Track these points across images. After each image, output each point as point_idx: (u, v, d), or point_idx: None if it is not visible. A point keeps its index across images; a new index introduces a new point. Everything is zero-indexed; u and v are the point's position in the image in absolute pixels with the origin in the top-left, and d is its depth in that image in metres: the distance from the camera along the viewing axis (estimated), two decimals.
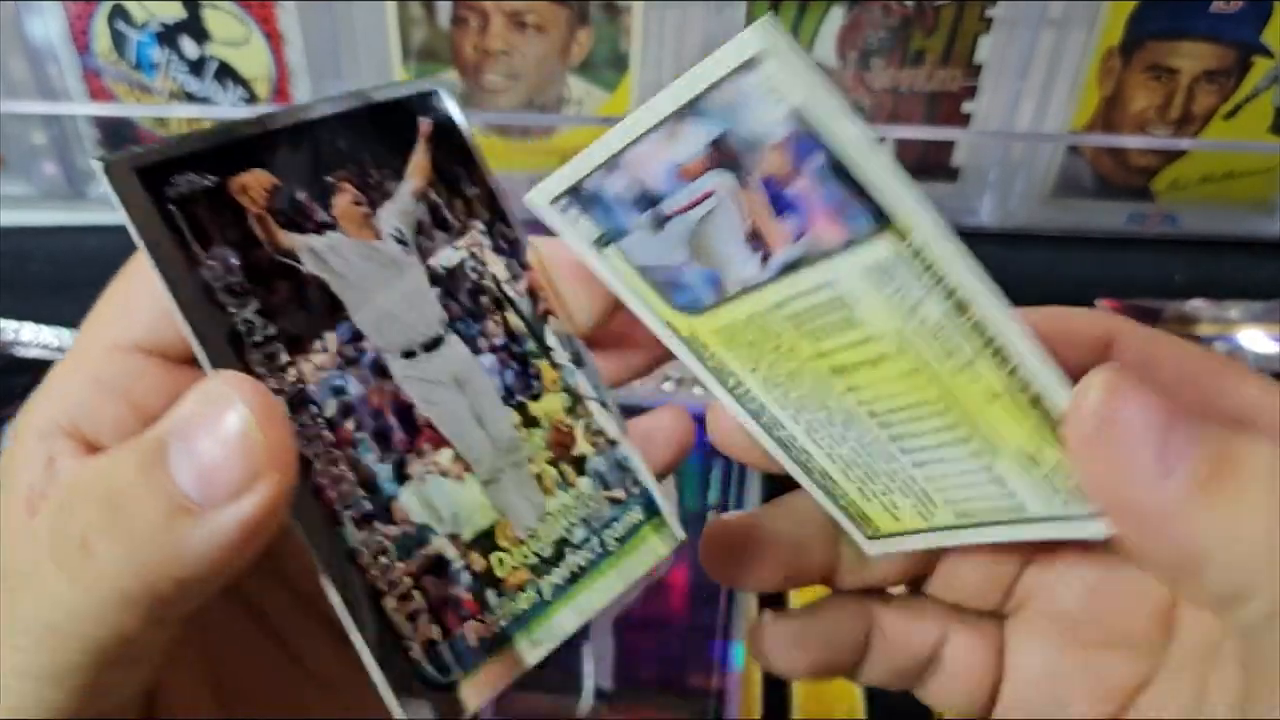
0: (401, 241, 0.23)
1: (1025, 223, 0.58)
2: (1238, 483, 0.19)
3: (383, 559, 0.21)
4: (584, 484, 0.24)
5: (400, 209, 0.24)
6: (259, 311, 0.21)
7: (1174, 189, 0.58)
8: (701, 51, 0.52)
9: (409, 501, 0.22)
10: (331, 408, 0.22)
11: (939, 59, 0.53)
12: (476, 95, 0.54)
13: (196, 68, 0.53)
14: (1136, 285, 0.56)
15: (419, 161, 0.24)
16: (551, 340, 0.25)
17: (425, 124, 0.25)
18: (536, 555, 0.23)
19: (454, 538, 0.22)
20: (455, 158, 0.25)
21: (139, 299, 0.22)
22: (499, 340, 0.24)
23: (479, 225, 0.25)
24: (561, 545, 0.24)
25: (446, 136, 0.25)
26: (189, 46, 0.52)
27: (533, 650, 0.23)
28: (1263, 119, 0.55)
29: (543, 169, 0.61)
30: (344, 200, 0.23)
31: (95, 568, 0.18)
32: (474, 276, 0.24)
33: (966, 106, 0.55)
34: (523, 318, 0.25)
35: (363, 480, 0.22)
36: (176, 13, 0.51)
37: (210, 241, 0.21)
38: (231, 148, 0.21)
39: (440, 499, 0.22)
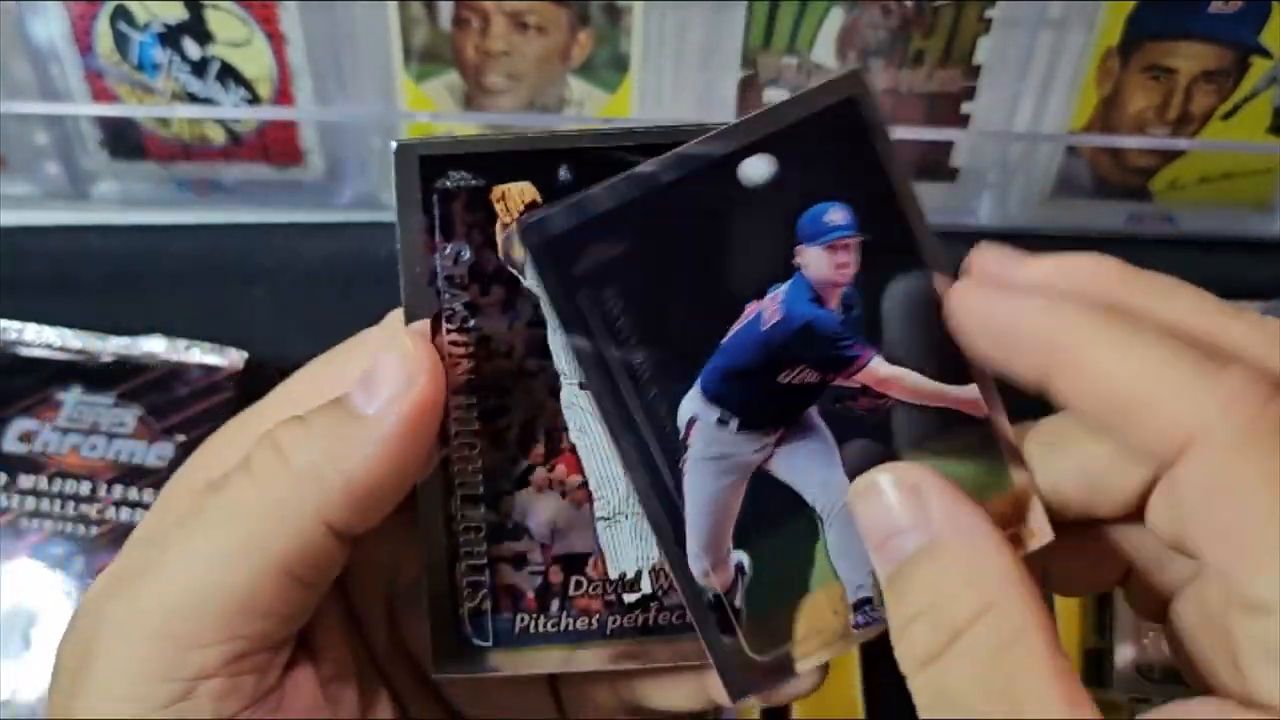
0: None
1: (1024, 223, 0.58)
2: None
3: (472, 534, 0.23)
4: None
5: None
6: (467, 304, 0.23)
7: (1172, 189, 0.58)
8: (702, 52, 0.52)
9: (519, 502, 0.24)
10: (489, 403, 0.23)
11: (938, 60, 0.54)
12: (477, 96, 0.54)
13: (199, 68, 0.53)
14: None
15: None
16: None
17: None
18: (617, 597, 0.24)
19: (544, 547, 0.24)
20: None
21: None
22: None
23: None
24: (647, 601, 0.24)
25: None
26: (191, 47, 0.52)
27: (560, 663, 0.24)
28: (1261, 119, 0.55)
29: None
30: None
31: (278, 460, 0.22)
32: None
33: (965, 107, 0.55)
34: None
35: (487, 470, 0.24)
36: (179, 14, 0.51)
37: (453, 234, 0.23)
38: (514, 156, 0.23)
39: (548, 513, 0.24)
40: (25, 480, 0.47)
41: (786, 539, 0.23)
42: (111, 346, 0.51)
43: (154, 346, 0.51)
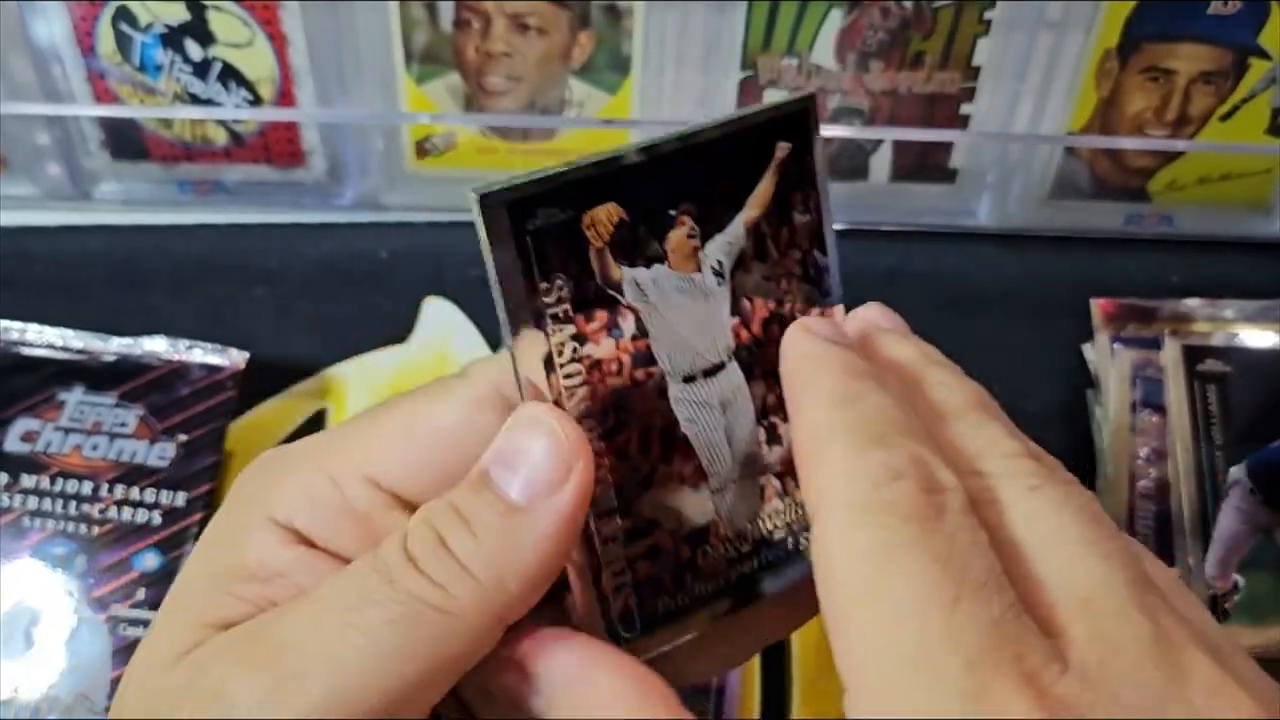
0: (719, 274, 0.24)
1: (1023, 224, 0.59)
2: None
3: (612, 545, 0.24)
4: (800, 495, 0.26)
5: (728, 240, 0.24)
6: (574, 336, 0.23)
7: (1171, 190, 0.58)
8: (702, 53, 0.53)
9: (647, 502, 0.25)
10: (607, 422, 0.24)
11: (937, 61, 0.54)
12: (478, 97, 0.54)
13: (201, 69, 0.53)
14: (1133, 285, 0.57)
15: (761, 191, 0.25)
16: None
17: (781, 149, 0.25)
18: (736, 550, 0.26)
19: (673, 533, 0.25)
20: (798, 181, 0.25)
21: (415, 452, 0.25)
22: (773, 366, 0.25)
23: (796, 254, 0.25)
24: (760, 544, 0.26)
25: (798, 159, 0.25)
26: (193, 48, 0.52)
27: (700, 626, 0.26)
28: (1259, 120, 0.56)
29: None
30: (679, 233, 0.24)
31: (453, 561, 0.22)
32: (771, 307, 0.25)
33: (964, 108, 0.55)
34: None
35: (617, 484, 0.24)
36: (181, 15, 0.51)
37: (552, 271, 0.23)
38: (595, 181, 0.23)
39: (673, 502, 0.25)
40: (27, 480, 0.47)
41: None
42: (113, 346, 0.51)
43: (156, 346, 0.51)
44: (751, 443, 0.25)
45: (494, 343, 0.54)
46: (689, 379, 0.24)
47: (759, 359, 0.25)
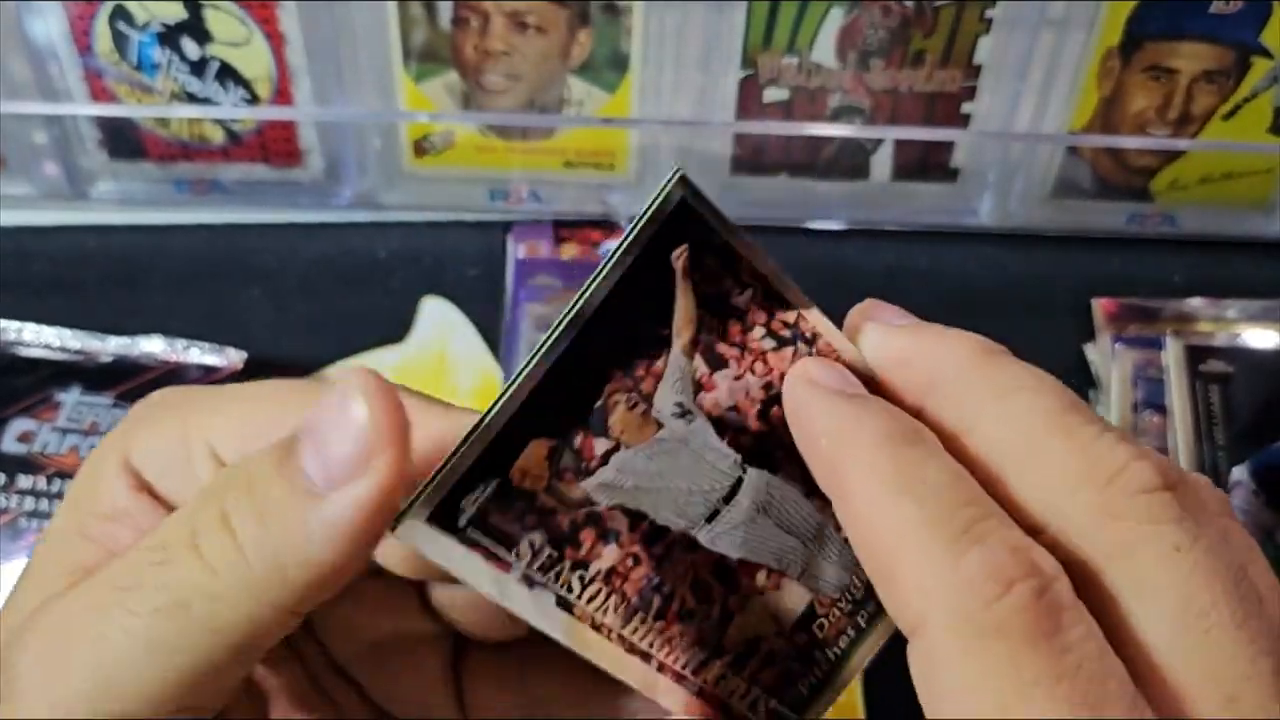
0: (685, 413, 0.23)
1: (1024, 223, 0.58)
2: None
3: (725, 681, 0.23)
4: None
5: (675, 380, 0.22)
6: (574, 568, 0.22)
7: (1173, 189, 0.58)
8: (702, 52, 0.52)
9: (736, 632, 0.23)
10: (655, 604, 0.22)
11: (938, 60, 0.53)
12: (477, 96, 0.54)
13: (198, 68, 0.53)
14: (1135, 285, 0.56)
15: (682, 312, 0.23)
16: None
17: (679, 258, 0.22)
18: (851, 599, 0.24)
19: (779, 634, 0.24)
20: (717, 265, 0.23)
21: (244, 426, 0.23)
22: (791, 443, 0.23)
23: (756, 333, 0.23)
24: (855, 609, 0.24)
25: (703, 247, 0.22)
26: (190, 47, 0.52)
27: (860, 665, 0.24)
28: (1262, 119, 0.55)
29: (543, 169, 0.62)
30: (619, 414, 0.22)
31: (231, 545, 0.20)
32: (761, 394, 0.23)
33: (966, 107, 0.55)
34: None
35: (697, 640, 0.23)
36: (178, 13, 0.51)
37: (513, 540, 0.21)
38: (501, 437, 0.21)
39: (763, 613, 0.23)
40: (24, 480, 0.47)
41: None
42: (111, 347, 0.51)
43: (153, 347, 0.51)
44: (812, 515, 0.24)
45: (492, 342, 0.54)
46: (711, 517, 0.23)
47: (773, 445, 0.23)
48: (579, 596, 0.22)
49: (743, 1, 0.50)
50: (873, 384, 0.23)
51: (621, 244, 0.22)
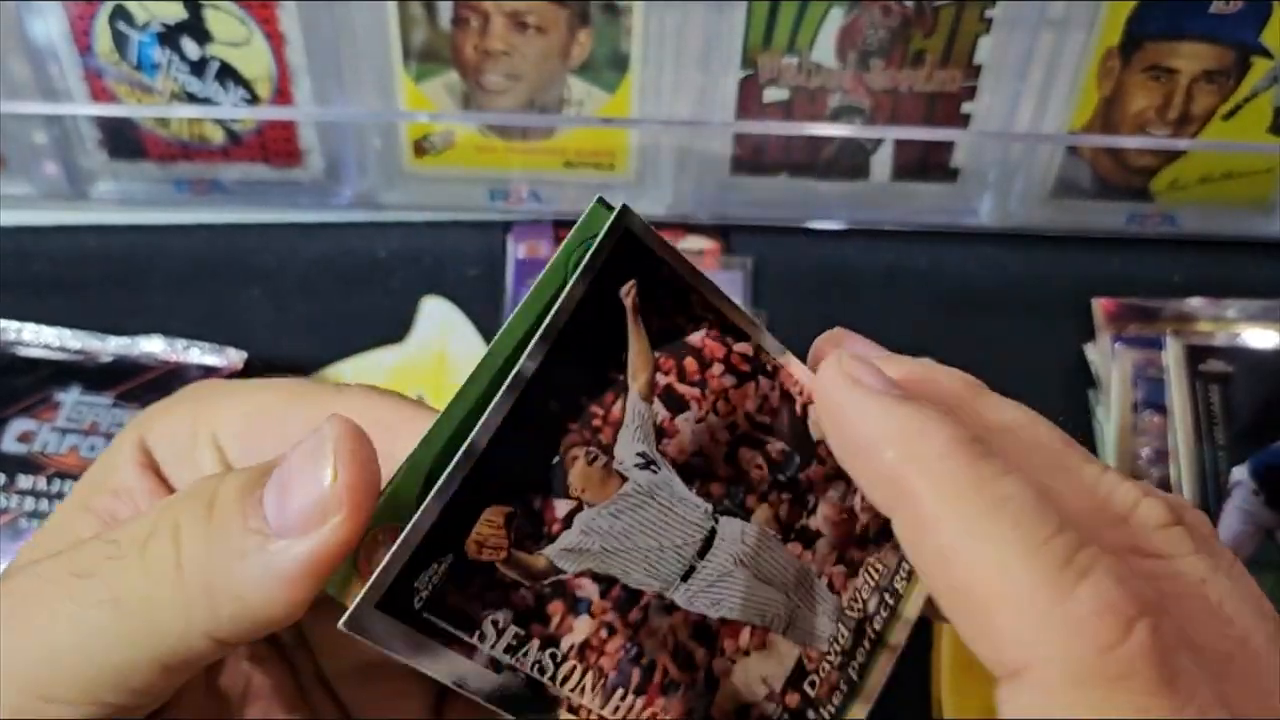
0: (648, 463, 0.21)
1: (1024, 223, 0.58)
2: None
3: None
4: (874, 553, 0.23)
5: (635, 427, 0.21)
6: (543, 646, 0.20)
7: (1173, 189, 0.58)
8: (702, 52, 0.52)
9: (723, 699, 0.22)
10: (634, 678, 0.21)
11: (938, 60, 0.53)
12: (477, 96, 0.54)
13: (198, 68, 0.53)
14: (1135, 285, 0.56)
15: (635, 351, 0.21)
16: (815, 429, 0.23)
17: (628, 294, 0.21)
18: (840, 651, 0.23)
19: (770, 695, 0.22)
20: (669, 300, 0.22)
21: (248, 422, 0.23)
22: (765, 483, 0.22)
23: (715, 369, 0.22)
24: (862, 624, 0.23)
25: (652, 281, 0.21)
26: (190, 47, 0.52)
27: (861, 711, 0.23)
28: (1262, 119, 0.55)
29: (543, 169, 0.62)
30: (578, 469, 0.21)
31: (172, 557, 0.20)
32: (726, 436, 0.22)
33: (966, 107, 0.55)
34: (783, 437, 0.23)
35: (683, 714, 0.21)
36: (178, 13, 0.51)
37: (475, 622, 0.19)
38: (451, 508, 0.19)
39: (753, 674, 0.22)
40: (24, 480, 0.47)
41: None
42: (110, 347, 0.51)
43: (153, 347, 0.51)
44: (791, 563, 0.22)
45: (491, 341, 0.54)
46: (687, 575, 0.21)
47: (743, 491, 0.22)
48: (552, 678, 0.20)
49: (743, 1, 0.50)
50: None
51: (565, 285, 0.20)
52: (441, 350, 0.55)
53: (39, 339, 0.51)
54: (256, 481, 0.20)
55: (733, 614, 0.22)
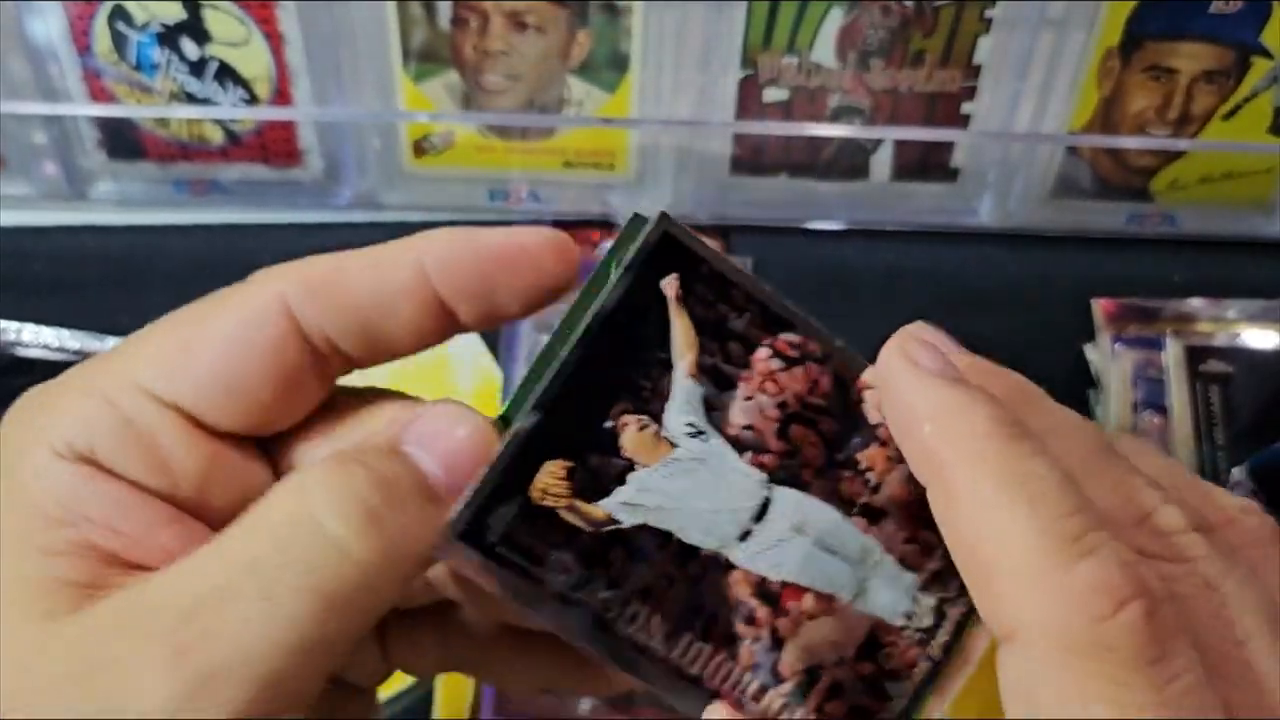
0: (698, 433, 0.23)
1: (1024, 223, 0.58)
2: None
3: (786, 713, 0.23)
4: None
5: (683, 401, 0.22)
6: (609, 586, 0.22)
7: (1173, 189, 0.58)
8: (702, 52, 0.52)
9: (790, 657, 0.23)
10: (697, 626, 0.22)
11: (938, 60, 0.53)
12: (476, 96, 0.54)
13: (197, 68, 0.53)
14: (1135, 285, 0.56)
15: (680, 334, 0.23)
16: (872, 414, 0.24)
17: (670, 286, 0.23)
18: (919, 630, 0.24)
19: (840, 663, 0.23)
20: (711, 293, 0.23)
21: (192, 362, 0.22)
22: (820, 460, 0.23)
23: (762, 354, 0.23)
24: (941, 605, 0.24)
25: (693, 276, 0.23)
26: (189, 47, 0.52)
27: (936, 708, 0.24)
28: (1262, 119, 0.55)
29: (543, 170, 0.62)
30: (630, 434, 0.22)
31: (380, 544, 0.20)
32: (776, 413, 0.23)
33: (965, 107, 0.55)
34: (836, 418, 0.23)
35: (748, 666, 0.23)
36: (177, 14, 0.51)
37: (542, 557, 0.22)
38: (519, 457, 0.22)
39: (817, 640, 0.23)
40: None
41: None
42: (109, 347, 0.51)
43: None
44: (856, 536, 0.23)
45: (492, 342, 0.54)
46: (744, 536, 0.22)
47: (799, 465, 0.23)
48: (618, 616, 0.22)
49: (743, 1, 0.50)
50: None
51: (614, 279, 0.22)
52: (441, 350, 0.55)
53: (38, 339, 0.51)
54: (392, 449, 0.22)
55: (794, 578, 0.23)
